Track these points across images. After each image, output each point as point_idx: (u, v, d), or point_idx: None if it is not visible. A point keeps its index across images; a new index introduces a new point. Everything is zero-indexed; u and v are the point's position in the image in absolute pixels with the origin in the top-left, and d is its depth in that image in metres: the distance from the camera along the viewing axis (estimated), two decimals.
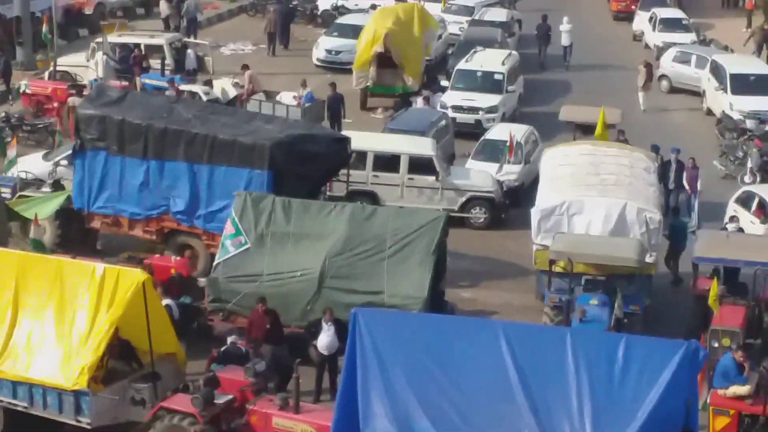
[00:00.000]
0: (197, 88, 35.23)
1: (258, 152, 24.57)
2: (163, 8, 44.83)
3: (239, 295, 21.90)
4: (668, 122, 37.01)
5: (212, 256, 23.74)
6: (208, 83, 35.92)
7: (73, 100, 32.45)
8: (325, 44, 41.91)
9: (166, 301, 20.77)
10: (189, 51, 38.53)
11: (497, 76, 36.26)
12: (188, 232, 25.49)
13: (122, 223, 26.03)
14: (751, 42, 40.53)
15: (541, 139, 32.17)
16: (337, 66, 40.75)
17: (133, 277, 18.61)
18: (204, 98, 33.96)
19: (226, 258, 22.43)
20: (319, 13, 47.50)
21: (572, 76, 41.71)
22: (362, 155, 28.62)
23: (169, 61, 37.70)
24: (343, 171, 27.07)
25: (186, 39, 40.37)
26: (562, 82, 41.08)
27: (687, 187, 28.82)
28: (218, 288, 22.15)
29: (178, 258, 24.13)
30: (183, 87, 34.76)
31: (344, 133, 28.57)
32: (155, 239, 25.79)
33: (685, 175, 28.94)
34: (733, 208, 27.54)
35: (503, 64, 36.85)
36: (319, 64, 41.69)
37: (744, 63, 37.59)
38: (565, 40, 43.46)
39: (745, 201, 27.50)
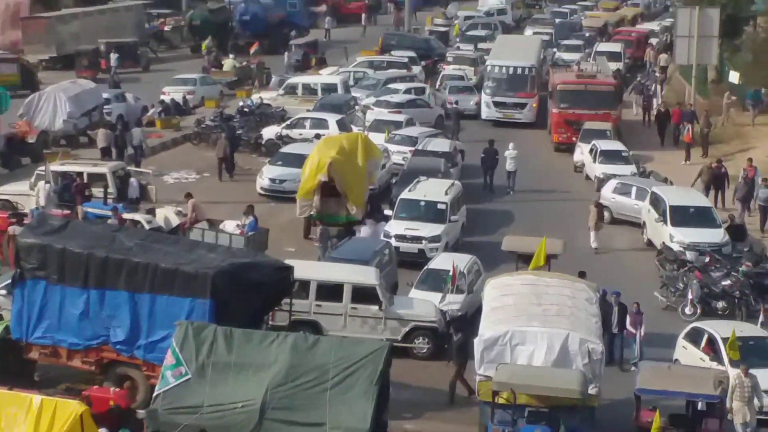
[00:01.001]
0: (140, 216, 35.12)
1: (200, 281, 24.46)
2: (101, 138, 44.81)
3: (179, 428, 21.55)
4: (609, 253, 37.27)
5: (152, 387, 23.40)
6: (151, 212, 35.84)
7: (13, 229, 32.22)
8: (269, 173, 42.04)
9: None
10: (132, 179, 38.50)
11: (440, 206, 36.47)
12: (128, 362, 25.20)
13: (61, 353, 25.70)
14: (698, 182, 40.88)
15: (483, 269, 32.26)
16: (281, 195, 40.86)
17: (71, 408, 18.37)
18: (146, 227, 33.83)
19: (166, 389, 22.11)
20: (263, 142, 47.74)
21: (515, 206, 42.02)
22: (305, 284, 28.59)
23: (111, 189, 37.65)
24: (286, 300, 26.97)
25: (129, 167, 40.39)
26: (505, 212, 41.37)
27: (632, 330, 28.76)
28: (157, 420, 21.79)
29: (117, 389, 23.78)
30: (125, 215, 34.64)
31: (287, 261, 28.52)
32: (94, 370, 25.45)
33: (629, 319, 28.92)
34: (681, 344, 27.64)
35: (446, 193, 37.08)
36: (263, 192, 41.78)
37: (683, 195, 38.07)
38: (510, 166, 44.00)
39: (693, 337, 27.61)
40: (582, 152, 46.65)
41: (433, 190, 37.34)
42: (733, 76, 55.24)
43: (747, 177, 39.41)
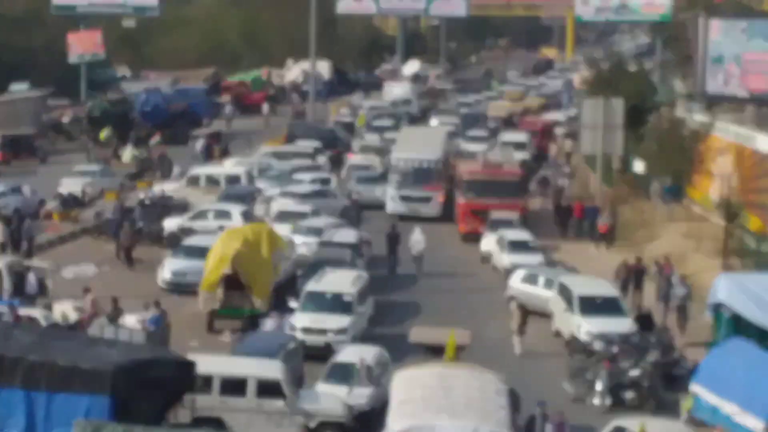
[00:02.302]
0: (37, 312, 34.13)
1: (99, 378, 23.73)
2: None
3: None
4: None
5: None
6: (48, 307, 34.86)
7: None
8: (171, 266, 41.28)
9: None
10: (29, 274, 37.51)
11: (347, 298, 36.00)
12: None
13: None
14: (616, 280, 40.50)
15: (391, 361, 31.73)
16: (183, 288, 40.04)
17: None
18: (43, 323, 32.92)
19: None
20: (164, 234, 46.93)
21: (422, 297, 41.65)
22: (208, 380, 27.84)
23: (7, 285, 36.60)
24: (189, 396, 26.24)
25: (26, 262, 39.39)
26: (412, 303, 40.96)
27: None
28: None
29: None
30: (22, 311, 33.66)
31: (190, 356, 27.75)
32: None
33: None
34: None
35: (353, 285, 36.66)
36: (164, 286, 40.97)
37: (591, 285, 37.95)
38: (416, 251, 43.95)
39: None
40: (489, 242, 46.57)
41: (340, 281, 36.90)
42: (638, 166, 55.76)
43: (663, 273, 39.04)
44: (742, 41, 52.39)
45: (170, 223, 47.24)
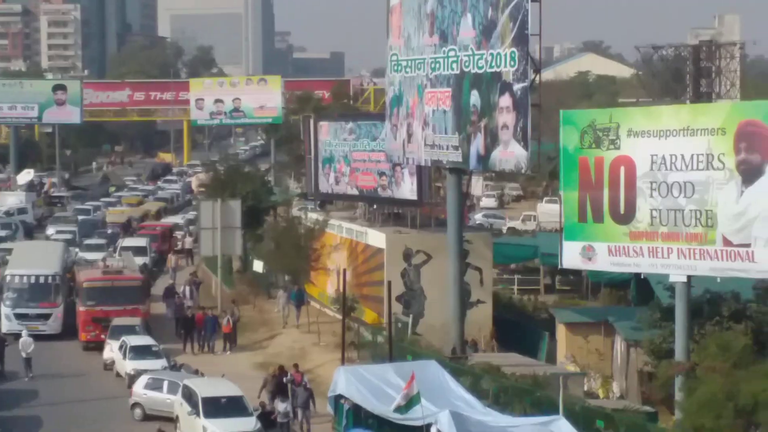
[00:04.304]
0: None
1: None
2: None
3: None
4: None
5: None
6: None
7: None
8: None
9: None
10: None
11: None
12: None
13: None
14: (264, 392, 39.86)
15: None
16: None
17: None
18: None
19: None
20: None
21: (43, 410, 40.55)
22: None
23: None
24: None
25: None
26: (31, 417, 39.78)
27: None
28: None
29: None
30: None
31: None
32: None
33: None
34: None
35: None
36: None
37: (215, 385, 38.10)
38: (25, 353, 43.25)
39: None
40: (112, 349, 45.97)
41: None
42: (258, 265, 56.72)
43: (294, 383, 38.52)
44: (350, 141, 54.62)
45: None
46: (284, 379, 38.80)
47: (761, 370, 31.32)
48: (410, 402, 29.74)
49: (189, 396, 37.01)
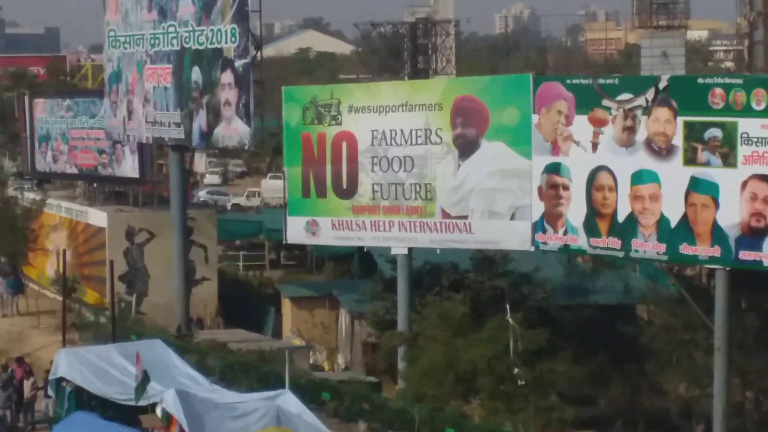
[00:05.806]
0: None
1: None
2: None
3: None
4: None
5: None
6: None
7: None
8: None
9: None
10: None
11: None
12: None
13: None
14: None
15: None
16: None
17: None
18: None
19: None
20: None
21: None
22: None
23: None
24: None
25: None
26: None
27: None
28: None
29: None
30: None
31: None
32: None
33: None
34: None
35: None
36: None
37: None
38: None
39: None
40: None
41: None
42: None
43: (15, 378, 35.15)
44: (68, 119, 53.31)
45: None
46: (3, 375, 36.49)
47: (479, 338, 32.34)
48: (143, 383, 29.32)
49: None
